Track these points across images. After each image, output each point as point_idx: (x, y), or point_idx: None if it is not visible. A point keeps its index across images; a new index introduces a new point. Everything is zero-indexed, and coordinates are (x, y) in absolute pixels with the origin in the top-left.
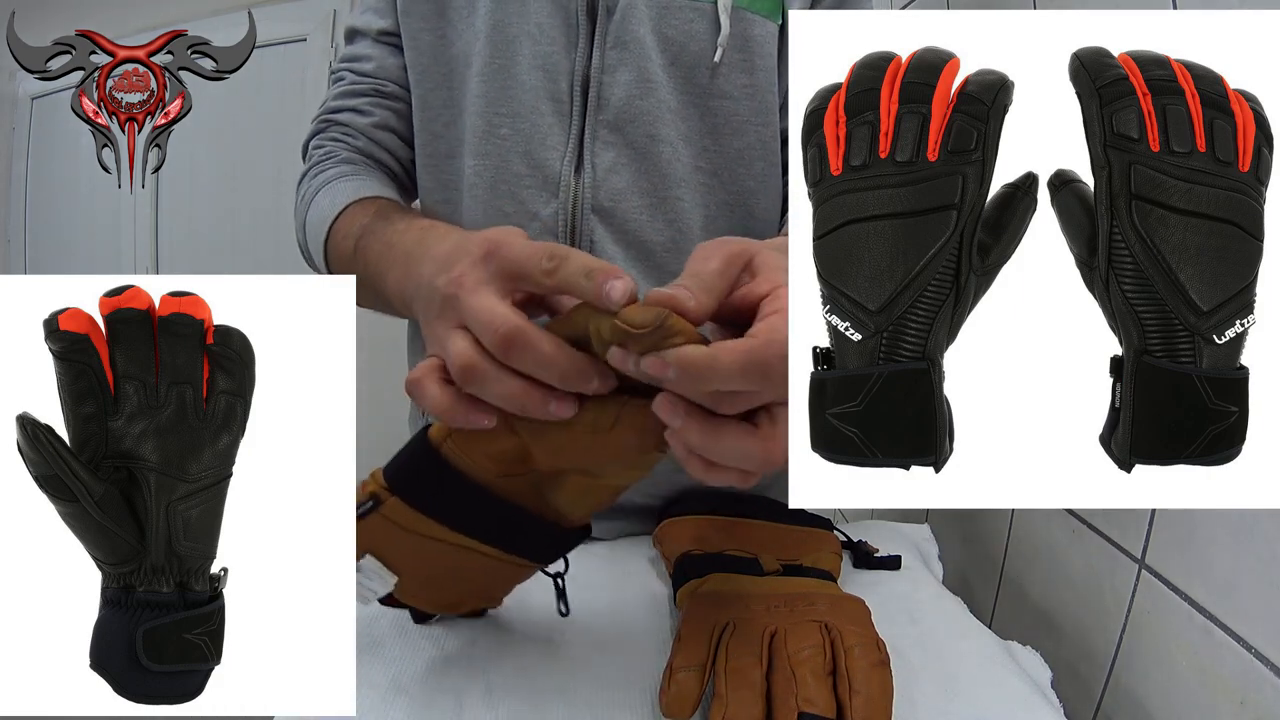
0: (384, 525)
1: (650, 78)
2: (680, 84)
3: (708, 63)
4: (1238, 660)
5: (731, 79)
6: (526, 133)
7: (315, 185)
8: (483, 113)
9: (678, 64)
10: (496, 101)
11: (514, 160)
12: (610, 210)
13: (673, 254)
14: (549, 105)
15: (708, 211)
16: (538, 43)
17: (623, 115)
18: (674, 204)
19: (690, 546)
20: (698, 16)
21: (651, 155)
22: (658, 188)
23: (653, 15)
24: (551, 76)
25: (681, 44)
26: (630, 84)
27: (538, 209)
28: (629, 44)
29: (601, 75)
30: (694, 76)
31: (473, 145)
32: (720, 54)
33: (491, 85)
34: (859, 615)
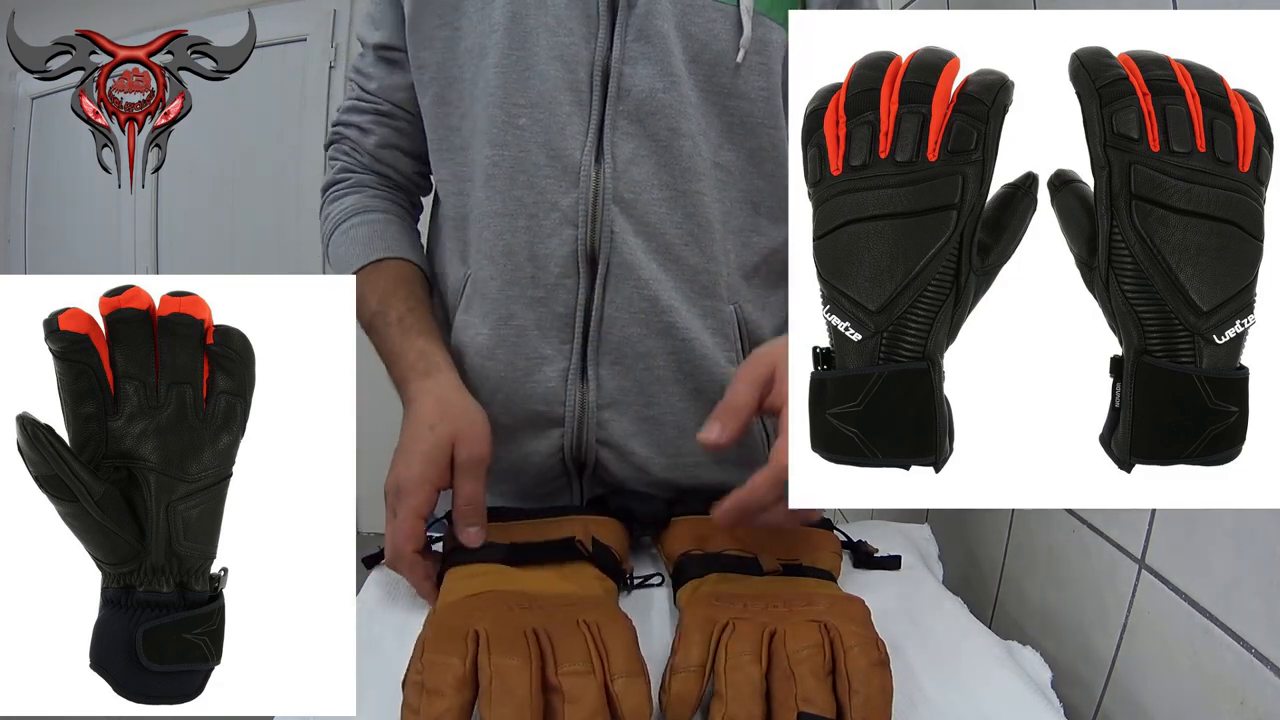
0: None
1: (673, 72)
2: (701, 81)
3: (729, 63)
4: (1238, 660)
5: (750, 81)
6: (545, 122)
7: (334, 217)
8: (501, 103)
9: (699, 61)
10: (515, 92)
11: (533, 150)
12: (631, 202)
13: (691, 248)
14: (568, 95)
15: (724, 207)
16: (556, 34)
17: (644, 107)
18: (694, 198)
19: (690, 546)
20: (721, 17)
21: (673, 149)
22: (678, 181)
23: (676, 12)
24: (570, 67)
25: (704, 42)
26: (653, 77)
27: (557, 199)
28: (652, 38)
29: (622, 66)
30: (715, 75)
31: (491, 136)
32: (743, 55)
33: (509, 76)
34: (858, 615)
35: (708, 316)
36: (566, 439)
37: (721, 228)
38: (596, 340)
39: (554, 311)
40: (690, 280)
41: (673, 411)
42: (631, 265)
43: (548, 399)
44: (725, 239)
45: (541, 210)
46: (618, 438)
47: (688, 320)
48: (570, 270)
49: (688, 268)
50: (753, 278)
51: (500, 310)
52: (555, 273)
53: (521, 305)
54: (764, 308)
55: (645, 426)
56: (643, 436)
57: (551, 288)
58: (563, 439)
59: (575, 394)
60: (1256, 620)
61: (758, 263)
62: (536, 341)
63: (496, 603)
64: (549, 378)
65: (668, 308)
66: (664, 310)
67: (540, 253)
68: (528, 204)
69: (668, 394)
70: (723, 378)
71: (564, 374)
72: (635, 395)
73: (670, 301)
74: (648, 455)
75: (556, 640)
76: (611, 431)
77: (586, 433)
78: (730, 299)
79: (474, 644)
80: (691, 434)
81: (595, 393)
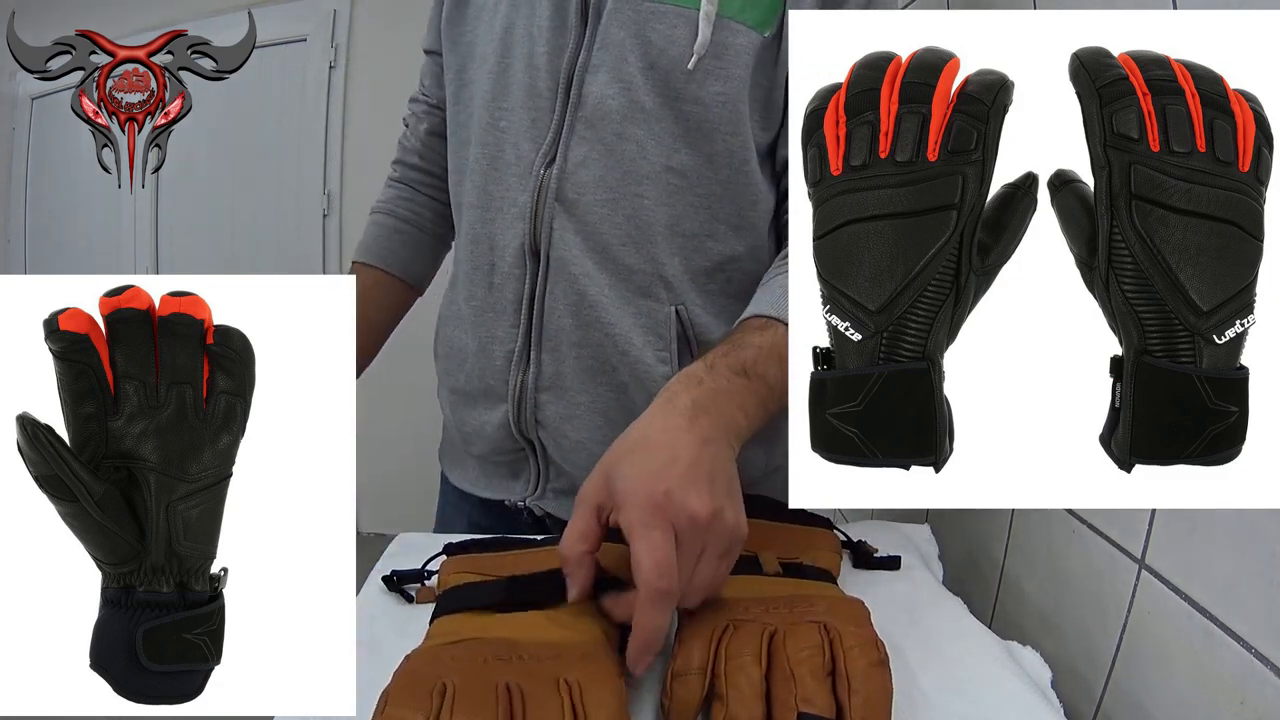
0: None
1: (626, 78)
2: (657, 86)
3: (683, 67)
4: (1238, 660)
5: (705, 85)
6: (517, 125)
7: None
8: (488, 105)
9: (655, 67)
10: (499, 95)
11: (506, 150)
12: (574, 201)
13: (628, 248)
14: (534, 100)
15: (673, 210)
16: (535, 42)
17: (596, 112)
18: (635, 200)
19: None
20: (681, 22)
21: (618, 152)
22: (621, 183)
23: (636, 19)
24: (539, 74)
25: (661, 48)
26: (607, 83)
27: (516, 195)
28: (609, 45)
29: (585, 74)
30: (670, 80)
31: (477, 135)
32: (694, 61)
33: (496, 81)
34: (858, 616)
35: (640, 315)
36: (511, 415)
37: (669, 230)
38: (539, 328)
39: (505, 298)
40: (625, 279)
41: (599, 401)
42: (566, 260)
43: (496, 376)
44: (672, 241)
45: (504, 205)
46: (553, 420)
47: (615, 317)
48: (519, 262)
49: (623, 267)
50: (707, 283)
51: (468, 290)
52: (509, 262)
53: (483, 289)
54: (719, 314)
55: (576, 412)
56: (575, 421)
57: (505, 276)
58: (507, 414)
59: (517, 375)
60: (1256, 620)
61: (711, 268)
62: (491, 323)
63: (472, 654)
64: (497, 357)
65: (595, 303)
66: (591, 305)
67: (499, 244)
68: (495, 199)
69: (595, 384)
70: (647, 375)
71: (509, 355)
72: (567, 381)
73: (599, 297)
74: (579, 440)
75: (530, 701)
76: (547, 414)
77: (526, 412)
78: (672, 300)
79: (439, 698)
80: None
81: (535, 376)
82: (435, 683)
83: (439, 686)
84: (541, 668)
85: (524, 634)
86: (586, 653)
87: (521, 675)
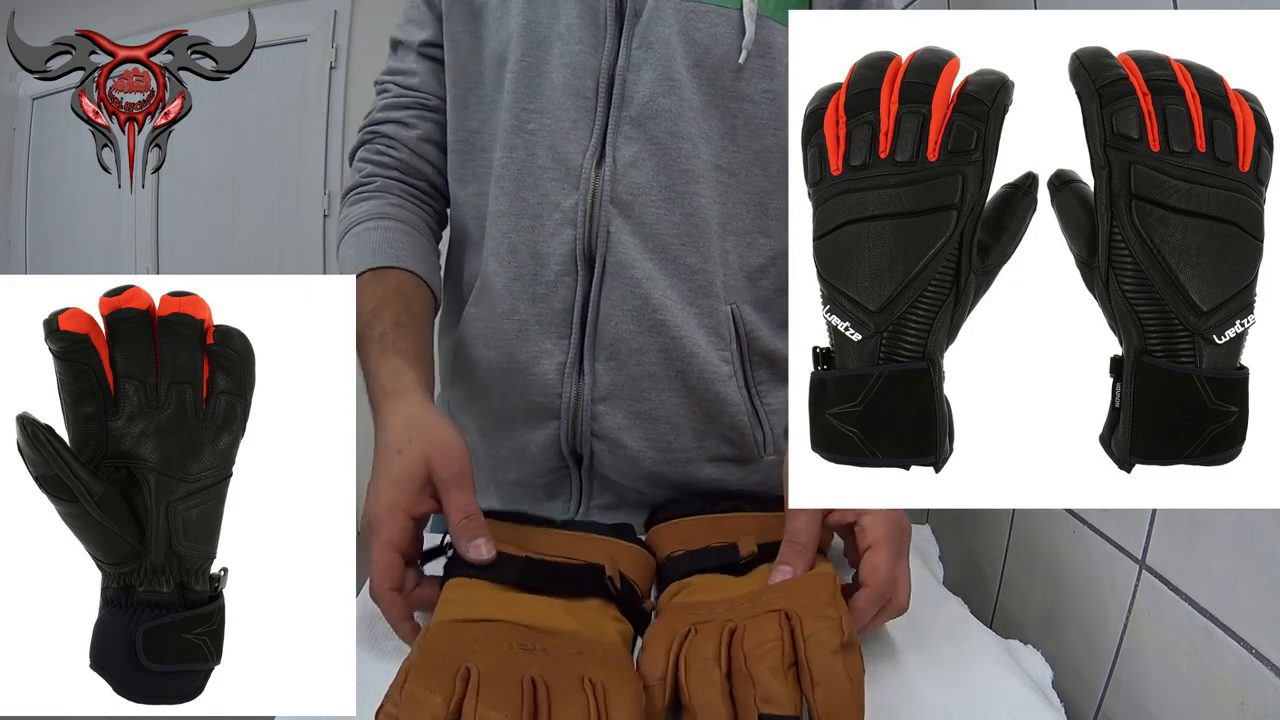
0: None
1: (674, 76)
2: (704, 85)
3: (731, 66)
4: (1238, 660)
5: (753, 83)
6: (552, 127)
7: (350, 218)
8: (512, 108)
9: (702, 65)
10: (526, 97)
11: (540, 153)
12: (629, 203)
13: (688, 247)
14: (574, 101)
15: (725, 209)
16: (567, 42)
17: (645, 112)
18: (691, 199)
19: (674, 548)
20: (723, 21)
21: (672, 151)
22: (676, 182)
23: (679, 17)
24: (578, 74)
25: (706, 46)
26: (654, 82)
27: (559, 200)
28: (654, 44)
29: (626, 73)
30: (717, 78)
31: (502, 138)
32: (744, 57)
33: (522, 82)
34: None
35: (703, 315)
36: (563, 431)
37: (721, 229)
38: (593, 336)
39: (553, 308)
40: (686, 279)
41: (664, 407)
42: (626, 264)
43: (545, 391)
44: (725, 240)
45: (545, 211)
46: (611, 431)
47: (680, 318)
48: (569, 269)
49: (684, 267)
50: (759, 279)
51: (504, 305)
52: (555, 270)
53: (524, 301)
54: (765, 309)
55: (637, 421)
56: (635, 430)
57: (552, 285)
58: (559, 430)
59: (571, 388)
60: (1256, 620)
61: (764, 264)
62: (537, 336)
63: (495, 638)
64: (547, 371)
65: (660, 305)
66: (656, 308)
67: (542, 251)
68: (532, 205)
69: (659, 390)
70: (714, 376)
71: (561, 368)
72: (628, 390)
73: (663, 300)
74: (639, 449)
75: (555, 698)
76: (605, 425)
77: (581, 425)
78: (728, 299)
79: (463, 683)
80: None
81: (590, 387)
82: (459, 665)
83: (462, 670)
84: (566, 663)
85: (545, 622)
86: (608, 654)
87: (546, 669)
